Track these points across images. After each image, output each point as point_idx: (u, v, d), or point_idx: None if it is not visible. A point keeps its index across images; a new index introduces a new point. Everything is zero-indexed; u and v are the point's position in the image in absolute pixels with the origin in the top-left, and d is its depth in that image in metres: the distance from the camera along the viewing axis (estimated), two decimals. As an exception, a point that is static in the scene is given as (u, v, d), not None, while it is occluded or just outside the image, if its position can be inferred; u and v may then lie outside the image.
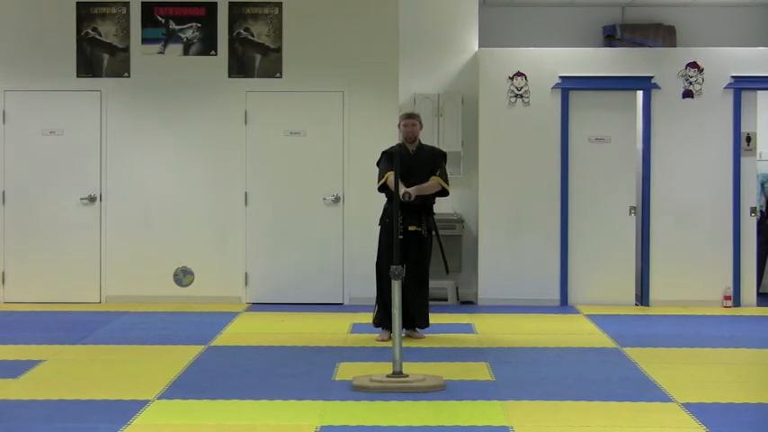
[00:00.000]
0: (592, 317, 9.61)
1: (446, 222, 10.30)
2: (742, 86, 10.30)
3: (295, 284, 10.31)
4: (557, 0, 11.10)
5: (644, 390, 6.56)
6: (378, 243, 8.40)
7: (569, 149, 10.36)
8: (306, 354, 7.78)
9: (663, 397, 6.36)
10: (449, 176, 8.58)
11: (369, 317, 8.62)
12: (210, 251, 10.36)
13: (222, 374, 6.98)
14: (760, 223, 10.59)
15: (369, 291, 8.75)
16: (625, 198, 10.35)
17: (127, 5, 10.32)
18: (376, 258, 8.41)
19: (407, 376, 6.57)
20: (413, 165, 8.22)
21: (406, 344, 7.66)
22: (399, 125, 8.47)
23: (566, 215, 10.36)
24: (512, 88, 10.37)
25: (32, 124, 10.36)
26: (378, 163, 8.44)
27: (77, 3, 10.32)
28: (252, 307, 10.16)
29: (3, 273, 10.38)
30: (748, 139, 10.33)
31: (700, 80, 10.30)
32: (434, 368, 7.08)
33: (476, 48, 10.70)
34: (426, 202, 8.32)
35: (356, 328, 8.85)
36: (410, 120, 8.40)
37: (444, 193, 8.41)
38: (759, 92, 10.45)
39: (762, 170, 10.94)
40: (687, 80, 10.32)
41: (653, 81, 10.32)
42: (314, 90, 10.29)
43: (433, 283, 9.75)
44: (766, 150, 11.10)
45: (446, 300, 10.38)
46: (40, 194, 10.36)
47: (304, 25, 10.30)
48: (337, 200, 10.30)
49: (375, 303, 8.47)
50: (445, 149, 10.31)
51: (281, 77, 10.31)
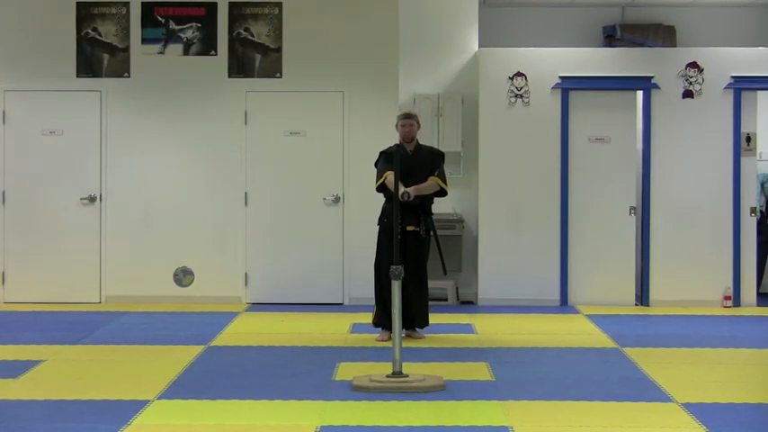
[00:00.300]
0: (592, 317, 9.61)
1: (446, 222, 10.30)
2: (742, 86, 10.29)
3: (295, 284, 10.31)
4: (557, 0, 11.10)
5: (644, 390, 6.55)
6: (376, 243, 8.40)
7: (569, 149, 10.36)
8: (306, 354, 7.78)
9: (663, 397, 6.36)
10: (448, 176, 8.59)
11: (369, 317, 8.63)
12: (210, 251, 10.36)
13: (222, 374, 6.98)
14: (760, 223, 10.59)
15: (369, 291, 8.74)
16: (625, 198, 10.35)
17: (127, 5, 10.32)
18: (375, 258, 8.42)
19: (407, 376, 6.57)
20: (411, 165, 8.20)
21: (406, 344, 7.66)
22: (397, 125, 8.45)
23: (566, 215, 10.36)
24: (512, 88, 10.37)
25: (32, 124, 10.36)
26: (376, 163, 8.43)
27: (77, 3, 10.32)
28: (252, 307, 10.16)
29: (3, 273, 10.38)
30: (748, 139, 10.33)
31: (700, 80, 10.30)
32: (434, 368, 7.08)
33: (476, 48, 10.70)
34: (425, 203, 8.31)
35: (356, 328, 8.85)
36: (408, 120, 8.38)
37: (443, 194, 8.41)
38: (759, 92, 10.45)
39: (762, 170, 10.94)
40: (687, 80, 10.32)
41: (653, 81, 10.32)
42: (314, 90, 10.29)
43: (433, 284, 9.76)
44: (766, 150, 11.10)
45: (446, 300, 10.38)
46: (40, 194, 10.36)
47: (304, 25, 10.30)
48: (337, 200, 10.30)
49: (374, 303, 8.47)
50: (445, 149, 10.32)
51: (281, 77, 10.31)
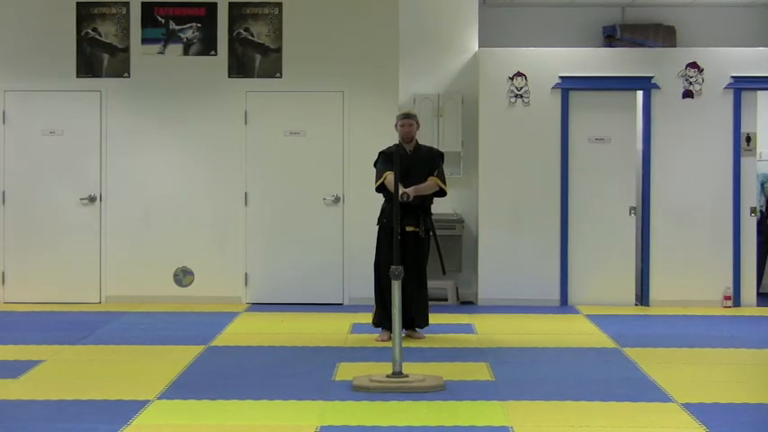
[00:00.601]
0: (592, 317, 9.61)
1: (446, 222, 10.30)
2: (742, 86, 10.29)
3: (295, 284, 10.31)
4: (557, 0, 11.10)
5: (644, 390, 6.55)
6: (376, 243, 8.40)
7: (569, 149, 10.36)
8: (306, 354, 7.78)
9: (663, 397, 6.36)
10: (448, 176, 8.58)
11: (369, 317, 8.62)
12: (210, 251, 10.36)
13: (222, 374, 6.98)
14: (760, 223, 10.59)
15: (369, 291, 8.74)
16: (625, 198, 10.35)
17: (127, 5, 10.32)
18: (374, 259, 8.41)
19: (407, 376, 6.57)
20: (410, 165, 8.19)
21: (406, 344, 7.66)
22: (396, 125, 8.43)
23: (566, 215, 10.36)
24: (512, 88, 10.37)
25: (32, 124, 10.36)
26: (375, 163, 8.43)
27: (77, 3, 10.32)
28: (252, 307, 10.16)
29: (3, 273, 10.38)
30: (748, 139, 10.33)
31: (700, 80, 10.30)
32: (434, 368, 7.08)
33: (476, 48, 10.70)
34: (424, 203, 8.30)
35: (356, 328, 8.85)
36: (407, 120, 8.37)
37: (442, 194, 8.40)
38: (759, 92, 10.45)
39: (762, 170, 10.94)
40: (687, 80, 10.32)
41: (653, 81, 10.32)
42: (314, 90, 10.29)
43: (433, 284, 9.76)
44: (766, 150, 11.10)
45: (446, 300, 10.38)
46: (40, 194, 10.36)
47: (304, 25, 10.30)
48: (337, 200, 10.30)
49: (374, 304, 8.47)
50: (445, 149, 10.32)
51: (281, 77, 10.31)
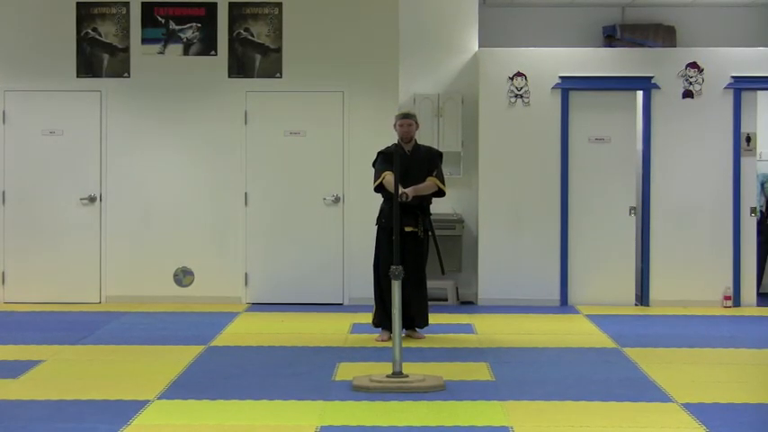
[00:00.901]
0: (592, 317, 9.61)
1: (446, 222, 10.30)
2: (742, 86, 10.29)
3: (295, 284, 10.31)
4: (557, 0, 11.09)
5: (644, 390, 6.55)
6: (375, 244, 8.39)
7: (569, 149, 10.36)
8: (306, 354, 7.78)
9: (663, 397, 6.36)
10: (448, 176, 8.57)
11: (369, 317, 8.62)
12: (210, 251, 10.36)
13: (222, 374, 6.98)
14: (760, 223, 10.59)
15: (369, 291, 8.74)
16: (625, 198, 10.35)
17: (127, 5, 10.32)
18: (374, 259, 8.41)
19: (407, 376, 6.57)
20: (409, 165, 8.17)
21: (406, 344, 7.66)
22: (395, 125, 8.41)
23: (566, 215, 10.36)
24: (512, 88, 10.37)
25: (32, 124, 10.36)
26: (374, 163, 8.41)
27: (77, 3, 10.32)
28: (252, 307, 10.16)
29: (3, 273, 10.38)
30: (748, 140, 10.33)
31: (700, 80, 10.30)
32: (434, 368, 7.08)
33: (476, 48, 10.70)
34: (423, 203, 8.28)
35: (356, 329, 8.85)
36: (406, 119, 8.35)
37: (441, 194, 8.38)
38: (759, 92, 10.45)
39: (762, 170, 10.94)
40: (687, 80, 10.32)
41: (653, 81, 10.32)
42: (314, 90, 10.29)
43: (433, 284, 9.76)
44: (766, 150, 11.10)
45: (446, 300, 10.37)
46: (40, 194, 10.36)
47: (304, 25, 10.30)
48: (337, 200, 10.30)
49: (374, 304, 8.46)
50: (445, 149, 10.34)
51: (281, 77, 10.31)
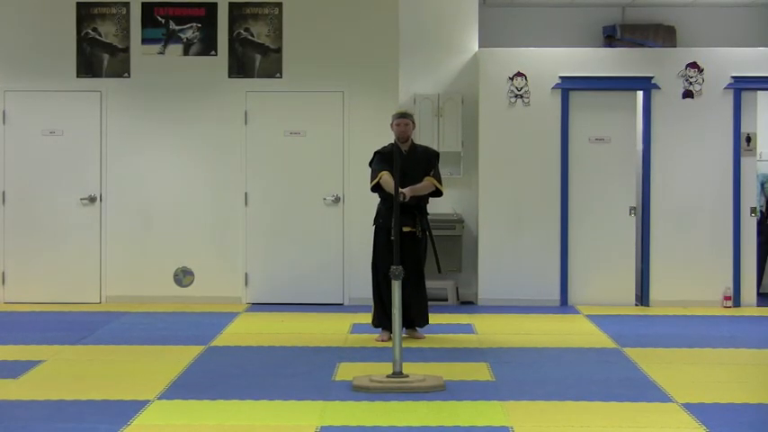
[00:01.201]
0: (592, 317, 9.61)
1: (446, 222, 10.30)
2: (742, 87, 10.29)
3: (295, 284, 10.31)
4: (557, 0, 11.09)
5: (644, 390, 6.55)
6: (373, 245, 8.38)
7: (569, 149, 10.36)
8: (306, 354, 7.78)
9: (663, 397, 6.36)
10: (448, 176, 8.56)
11: (369, 317, 8.62)
12: (210, 251, 10.36)
13: (222, 374, 6.98)
14: (760, 223, 10.59)
15: (369, 291, 8.71)
16: (625, 198, 10.35)
17: (127, 5, 10.32)
18: (372, 260, 8.39)
19: (407, 376, 6.57)
20: (406, 165, 8.14)
21: (406, 344, 7.65)
22: (392, 124, 8.39)
23: (566, 215, 10.36)
24: (512, 88, 10.37)
25: (32, 124, 10.36)
26: (370, 163, 8.40)
27: (77, 3, 10.32)
28: (252, 307, 10.16)
29: (3, 273, 10.38)
30: (748, 140, 10.33)
31: (700, 80, 10.30)
32: (434, 368, 7.08)
33: (476, 48, 10.70)
34: (420, 203, 8.27)
35: (356, 329, 8.85)
36: (403, 119, 8.33)
37: (438, 194, 8.37)
38: (759, 92, 10.45)
39: (762, 170, 10.94)
40: (687, 80, 10.32)
41: (653, 81, 10.32)
42: (314, 90, 10.29)
43: (434, 284, 9.76)
44: (766, 150, 11.10)
45: (446, 300, 10.37)
46: (40, 194, 10.36)
47: (304, 25, 10.30)
48: (337, 200, 10.30)
49: (372, 304, 8.45)
50: (445, 149, 10.35)
51: (281, 77, 10.31)
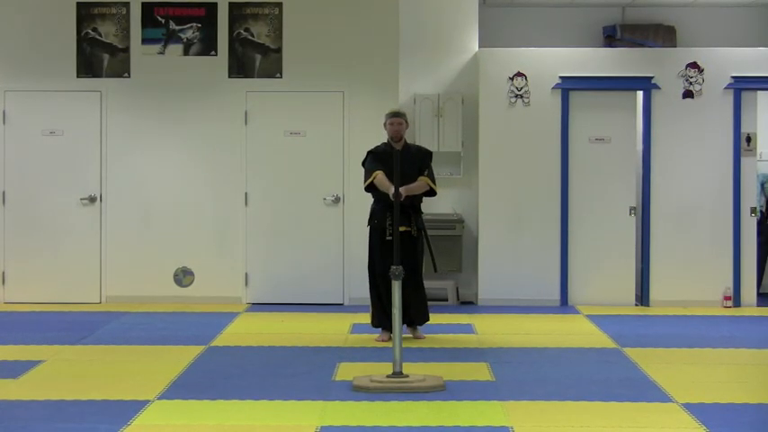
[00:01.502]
0: (592, 317, 9.61)
1: (446, 222, 10.31)
2: (742, 87, 10.29)
3: (295, 285, 10.31)
4: (557, 0, 11.09)
5: (644, 390, 6.56)
6: (368, 246, 8.36)
7: (569, 149, 10.36)
8: (306, 354, 7.78)
9: (663, 397, 6.36)
10: (448, 177, 8.55)
11: (368, 317, 8.61)
12: (210, 251, 10.36)
13: (222, 374, 6.98)
14: (760, 223, 10.58)
15: (368, 291, 8.73)
16: (625, 198, 10.35)
17: (127, 6, 10.32)
18: (368, 261, 8.37)
19: (407, 376, 6.57)
20: (393, 164, 8.12)
21: (406, 344, 7.65)
22: (385, 124, 8.35)
23: (566, 215, 10.36)
24: (512, 88, 10.37)
25: (32, 124, 10.36)
26: (363, 163, 8.37)
27: (77, 3, 10.32)
28: (252, 307, 10.16)
29: (3, 273, 10.38)
30: (748, 140, 10.33)
31: (700, 80, 10.30)
32: (434, 368, 7.08)
33: (476, 48, 10.69)
34: (414, 202, 8.24)
35: (356, 329, 8.85)
36: (396, 118, 8.29)
37: (432, 194, 8.35)
38: (759, 92, 10.45)
39: (762, 170, 10.94)
40: (687, 80, 10.32)
41: (653, 81, 10.32)
42: (314, 90, 10.28)
43: (434, 284, 9.77)
44: (766, 150, 11.10)
45: (446, 300, 10.37)
46: (40, 194, 10.36)
47: (304, 25, 10.30)
48: (337, 200, 10.30)
49: (370, 305, 8.43)
50: (445, 149, 10.36)
51: (281, 77, 10.31)
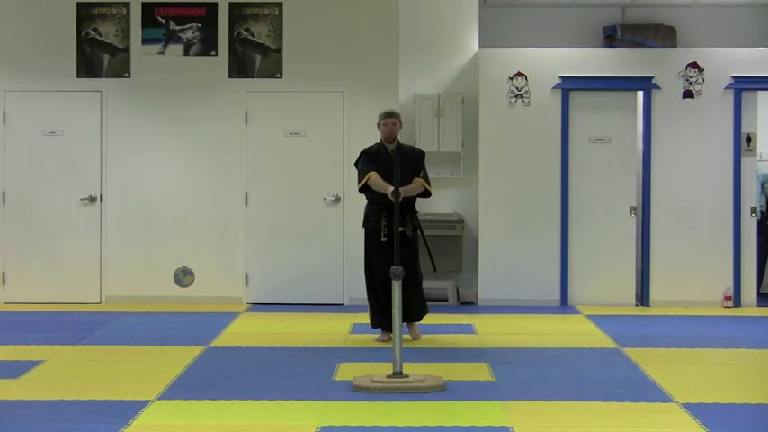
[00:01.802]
0: (592, 317, 9.61)
1: (446, 222, 10.31)
2: (742, 87, 10.29)
3: (295, 285, 10.31)
4: (557, 0, 11.09)
5: (644, 390, 6.56)
6: (364, 248, 8.33)
7: (569, 149, 10.36)
8: (306, 354, 7.78)
9: (663, 397, 6.36)
10: (448, 177, 8.54)
11: (368, 318, 8.61)
12: (210, 251, 10.36)
13: (222, 374, 6.98)
14: (760, 223, 10.58)
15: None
16: (625, 198, 10.35)
17: (127, 6, 10.32)
18: (364, 263, 8.35)
19: (407, 376, 6.57)
20: (394, 165, 8.11)
21: (406, 344, 7.65)
22: (379, 124, 8.31)
23: (566, 215, 10.36)
24: (512, 88, 10.37)
25: (32, 124, 10.36)
26: (356, 163, 8.34)
27: (77, 3, 10.32)
28: (252, 307, 10.16)
29: (3, 273, 10.38)
30: (748, 140, 10.33)
31: (700, 80, 10.30)
32: (434, 368, 7.08)
33: (476, 48, 10.69)
34: (409, 202, 8.22)
35: (356, 329, 8.85)
36: (390, 119, 8.25)
37: (427, 194, 8.34)
38: (759, 92, 10.45)
39: (762, 170, 10.94)
40: (687, 80, 10.32)
41: (653, 81, 10.32)
42: (314, 90, 10.28)
43: (434, 284, 9.77)
44: (766, 150, 11.10)
45: (446, 300, 10.37)
46: (40, 194, 10.36)
47: (304, 25, 10.30)
48: (337, 200, 10.30)
49: (369, 306, 8.42)
50: (445, 149, 10.37)
51: (281, 77, 10.31)
